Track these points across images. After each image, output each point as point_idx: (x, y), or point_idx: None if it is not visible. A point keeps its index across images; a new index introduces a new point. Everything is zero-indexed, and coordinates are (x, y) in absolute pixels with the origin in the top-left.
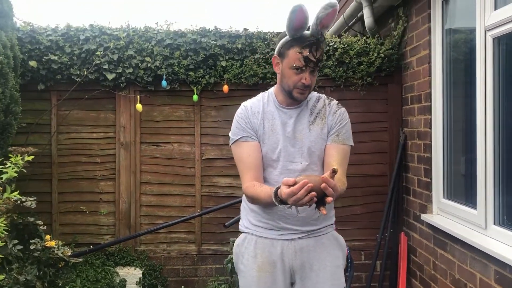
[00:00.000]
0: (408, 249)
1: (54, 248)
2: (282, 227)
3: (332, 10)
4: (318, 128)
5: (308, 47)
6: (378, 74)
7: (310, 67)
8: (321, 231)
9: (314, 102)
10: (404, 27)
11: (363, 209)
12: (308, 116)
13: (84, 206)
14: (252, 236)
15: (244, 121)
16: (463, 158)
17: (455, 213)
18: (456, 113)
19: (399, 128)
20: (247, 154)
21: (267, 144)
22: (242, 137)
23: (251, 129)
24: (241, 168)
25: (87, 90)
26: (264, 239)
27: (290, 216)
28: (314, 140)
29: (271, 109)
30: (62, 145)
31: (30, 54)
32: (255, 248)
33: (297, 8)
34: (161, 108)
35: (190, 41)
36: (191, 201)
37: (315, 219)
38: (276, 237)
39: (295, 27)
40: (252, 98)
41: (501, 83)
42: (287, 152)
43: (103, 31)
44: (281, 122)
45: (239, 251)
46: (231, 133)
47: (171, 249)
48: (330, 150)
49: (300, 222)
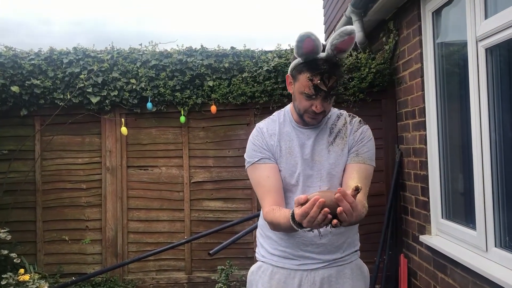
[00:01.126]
0: (408, 272)
1: (28, 283)
2: (301, 256)
3: (348, 38)
4: (338, 149)
5: (320, 75)
6: (371, 89)
7: (321, 95)
8: (345, 260)
9: (334, 121)
10: (395, 41)
11: (360, 231)
12: (328, 136)
13: (70, 234)
14: (268, 266)
15: (260, 142)
16: (460, 175)
17: (455, 234)
18: (451, 128)
19: (395, 145)
20: (266, 177)
21: (284, 168)
22: (260, 159)
23: (268, 150)
24: (260, 192)
25: (71, 114)
26: (281, 269)
27: (310, 243)
28: (333, 162)
29: (288, 130)
30: (46, 172)
31: (13, 79)
32: (271, 279)
33: (305, 38)
34: (147, 131)
35: (176, 62)
36: (180, 226)
37: (338, 246)
38: (294, 267)
39: (304, 53)
40: (266, 119)
41: (495, 94)
42: (306, 176)
43: (87, 54)
44: (299, 143)
45: (252, 279)
46: (246, 156)
47: (160, 277)
48: (349, 170)
49: (321, 250)
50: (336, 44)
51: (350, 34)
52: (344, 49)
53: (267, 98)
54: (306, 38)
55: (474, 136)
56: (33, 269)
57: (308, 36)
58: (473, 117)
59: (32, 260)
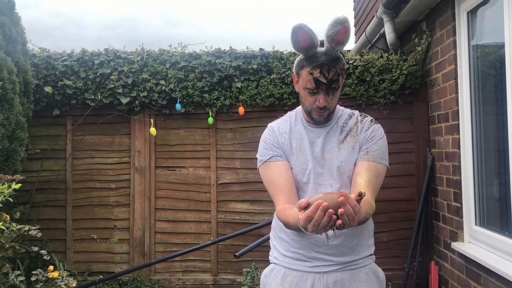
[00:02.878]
0: (439, 279)
1: (57, 280)
2: (314, 257)
3: (342, 27)
4: (348, 146)
5: (319, 68)
6: (402, 92)
7: (322, 89)
8: (359, 263)
9: (345, 119)
10: (428, 42)
11: (390, 236)
12: (338, 134)
13: (98, 233)
14: (280, 268)
15: (271, 141)
16: (496, 180)
17: (489, 242)
18: (486, 131)
19: (427, 149)
20: (278, 174)
21: (295, 165)
22: (272, 157)
23: (280, 148)
24: (272, 190)
25: (102, 114)
26: (293, 271)
27: (322, 244)
28: (344, 160)
29: (299, 129)
30: (77, 171)
31: (46, 80)
32: (283, 281)
33: (298, 30)
34: (176, 132)
35: (204, 63)
36: (207, 227)
37: (351, 247)
38: (307, 269)
39: (302, 47)
40: (279, 119)
41: None
42: (316, 174)
43: (118, 55)
44: (309, 141)
45: (266, 282)
46: (258, 155)
47: (186, 278)
48: (358, 167)
49: (334, 251)
50: (332, 36)
51: (343, 23)
52: (341, 40)
53: (295, 99)
54: (299, 30)
55: (510, 140)
56: (62, 267)
57: (300, 28)
58: (510, 120)
59: (62, 257)
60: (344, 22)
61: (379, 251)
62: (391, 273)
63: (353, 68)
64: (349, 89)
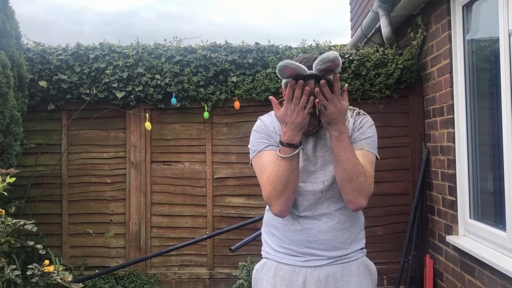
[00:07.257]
0: (434, 273)
1: (53, 274)
2: (306, 253)
3: (332, 64)
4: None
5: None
6: (398, 86)
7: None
8: (350, 257)
9: None
10: (423, 36)
11: (385, 230)
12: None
13: (94, 228)
14: (272, 262)
15: (264, 131)
16: (490, 174)
17: (483, 235)
18: (481, 125)
19: (422, 143)
20: (270, 162)
21: None
22: (266, 146)
23: (272, 139)
24: (263, 178)
25: (97, 109)
26: (285, 266)
27: (314, 240)
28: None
29: None
30: (72, 165)
31: (41, 74)
32: (275, 275)
33: (283, 68)
34: (171, 126)
35: (200, 57)
36: (203, 222)
37: (342, 242)
38: (299, 264)
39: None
40: (268, 114)
41: None
42: (307, 173)
43: (113, 49)
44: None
45: (258, 277)
46: (251, 146)
47: (182, 272)
48: None
49: (326, 246)
50: (320, 69)
51: (334, 61)
52: (331, 71)
53: None
54: (285, 68)
55: (505, 134)
56: (58, 261)
57: (286, 66)
58: (504, 114)
59: (57, 252)
60: (335, 60)
61: (374, 244)
62: (386, 266)
63: (348, 62)
64: (344, 83)
